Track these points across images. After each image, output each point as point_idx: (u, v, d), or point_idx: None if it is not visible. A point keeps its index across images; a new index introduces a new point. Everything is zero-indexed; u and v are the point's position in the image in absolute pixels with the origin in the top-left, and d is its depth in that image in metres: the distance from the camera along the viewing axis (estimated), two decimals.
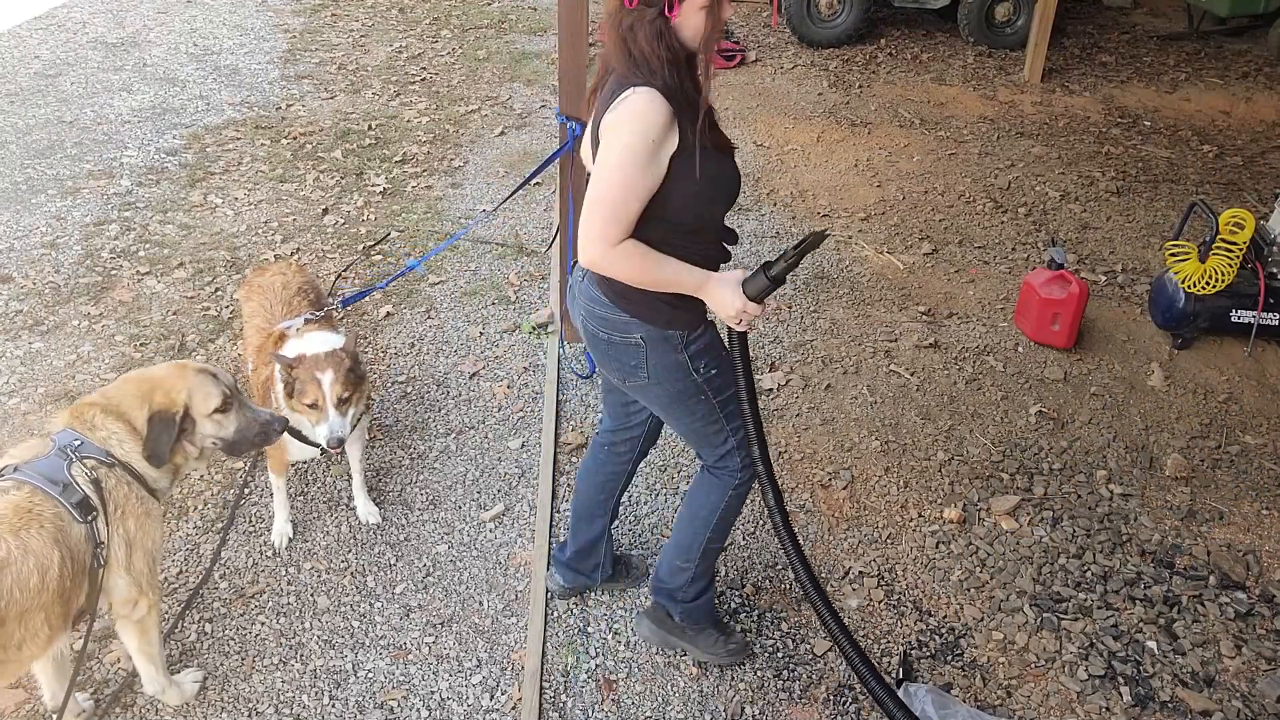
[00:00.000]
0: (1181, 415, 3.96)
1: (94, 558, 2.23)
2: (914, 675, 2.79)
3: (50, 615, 2.16)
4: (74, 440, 2.28)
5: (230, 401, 2.49)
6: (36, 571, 2.10)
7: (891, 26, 8.50)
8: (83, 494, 2.21)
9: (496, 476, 3.51)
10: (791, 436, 3.76)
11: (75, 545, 2.19)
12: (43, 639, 2.18)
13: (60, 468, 2.22)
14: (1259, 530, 3.39)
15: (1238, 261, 4.19)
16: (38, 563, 2.10)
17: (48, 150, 5.75)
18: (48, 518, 2.15)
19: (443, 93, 7.00)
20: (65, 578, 2.16)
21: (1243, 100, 7.21)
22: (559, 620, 2.95)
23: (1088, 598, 3.08)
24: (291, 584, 3.04)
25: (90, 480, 2.24)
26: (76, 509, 2.19)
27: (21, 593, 2.08)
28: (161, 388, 2.41)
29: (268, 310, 3.16)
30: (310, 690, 2.71)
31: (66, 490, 2.19)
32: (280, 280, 3.23)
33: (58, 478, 2.20)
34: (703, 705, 2.70)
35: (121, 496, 2.30)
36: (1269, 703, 2.74)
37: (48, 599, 2.13)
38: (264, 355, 2.99)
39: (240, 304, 3.28)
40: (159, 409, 2.37)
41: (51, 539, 2.14)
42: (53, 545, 2.13)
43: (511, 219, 5.27)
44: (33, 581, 2.09)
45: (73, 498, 2.19)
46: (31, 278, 4.52)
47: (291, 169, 5.71)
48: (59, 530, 2.16)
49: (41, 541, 2.12)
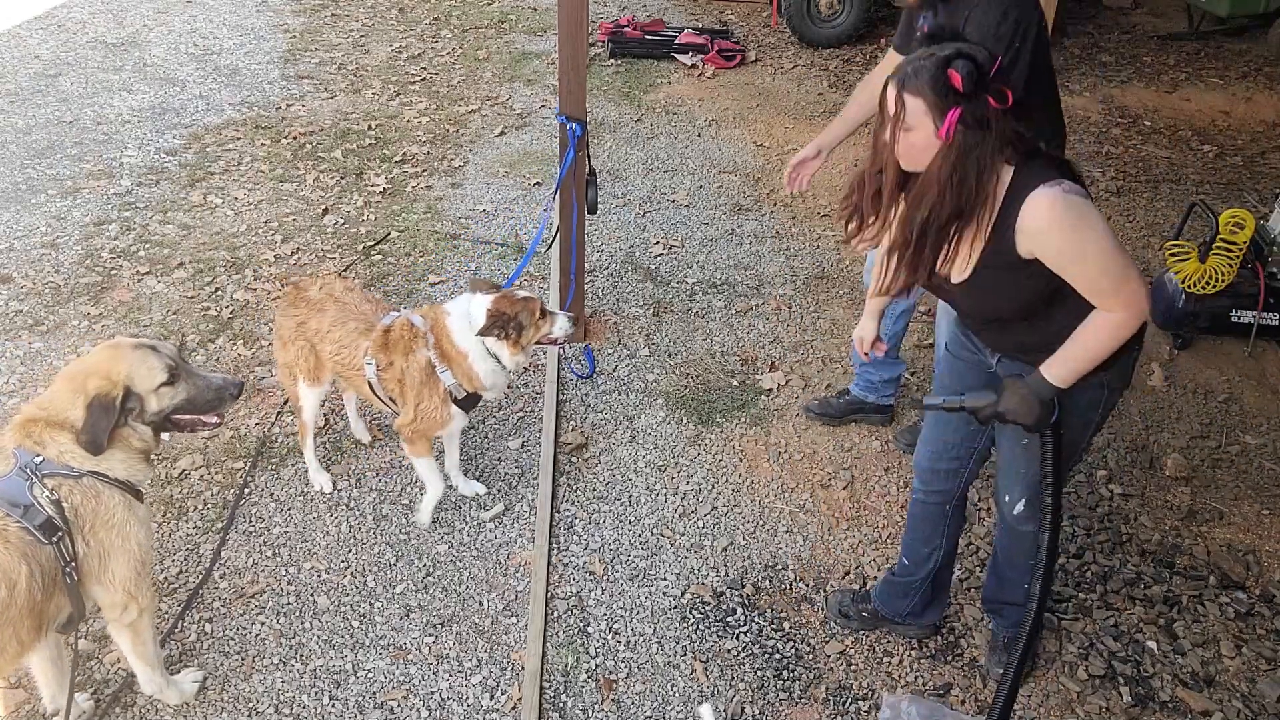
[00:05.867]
0: (1181, 415, 3.96)
1: (65, 575, 2.18)
2: None
3: (19, 629, 2.12)
4: (34, 459, 2.19)
5: (176, 372, 2.39)
6: (3, 586, 2.07)
7: (891, 26, 8.46)
8: (46, 515, 2.14)
9: (496, 476, 3.51)
10: (791, 436, 3.76)
11: (45, 561, 2.15)
12: (12, 652, 2.15)
13: (22, 489, 2.14)
14: (1259, 530, 3.39)
15: (1238, 261, 4.19)
16: (3, 577, 2.07)
17: (48, 150, 5.75)
18: (13, 533, 2.10)
19: (443, 93, 7.00)
20: (35, 591, 2.12)
21: (1243, 100, 7.21)
22: (559, 620, 2.95)
23: (1088, 598, 3.08)
24: (291, 584, 3.04)
25: (52, 501, 2.16)
26: (40, 531, 2.12)
27: None
28: (96, 373, 2.29)
29: (354, 315, 3.11)
30: (310, 690, 2.71)
31: (29, 513, 2.12)
32: (339, 286, 3.20)
33: (19, 500, 2.13)
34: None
35: (89, 510, 2.23)
36: (1269, 703, 2.74)
37: (15, 614, 2.10)
38: (402, 345, 2.97)
39: (294, 324, 3.14)
40: (96, 394, 2.25)
41: (19, 553, 2.09)
42: (19, 560, 2.09)
43: (511, 219, 5.27)
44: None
45: (35, 519, 2.12)
46: (31, 278, 4.52)
47: (291, 169, 5.71)
48: (26, 545, 2.11)
49: (7, 556, 2.08)
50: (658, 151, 6.19)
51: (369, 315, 3.10)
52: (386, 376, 3.01)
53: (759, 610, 3.01)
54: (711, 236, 5.18)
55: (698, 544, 3.25)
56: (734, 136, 6.46)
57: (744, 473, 3.57)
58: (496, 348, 2.95)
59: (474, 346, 2.95)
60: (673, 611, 3.00)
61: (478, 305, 2.94)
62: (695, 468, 3.59)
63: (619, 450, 3.65)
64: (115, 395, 2.27)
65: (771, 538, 3.29)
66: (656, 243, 5.10)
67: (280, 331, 3.21)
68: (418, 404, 3.00)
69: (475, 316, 2.93)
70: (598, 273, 4.79)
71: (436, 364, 2.96)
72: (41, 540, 2.13)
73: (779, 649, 2.88)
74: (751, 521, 3.35)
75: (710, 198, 5.61)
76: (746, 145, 6.29)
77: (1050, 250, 2.01)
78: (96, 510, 2.24)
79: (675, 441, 3.71)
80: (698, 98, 7.07)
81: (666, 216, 5.38)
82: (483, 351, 2.95)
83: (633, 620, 2.96)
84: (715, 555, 3.21)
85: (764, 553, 3.23)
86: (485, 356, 2.96)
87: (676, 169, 5.97)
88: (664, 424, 3.81)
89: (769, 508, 3.41)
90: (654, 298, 4.62)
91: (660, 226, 5.28)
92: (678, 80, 7.42)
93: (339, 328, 3.08)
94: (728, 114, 6.79)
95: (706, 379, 4.07)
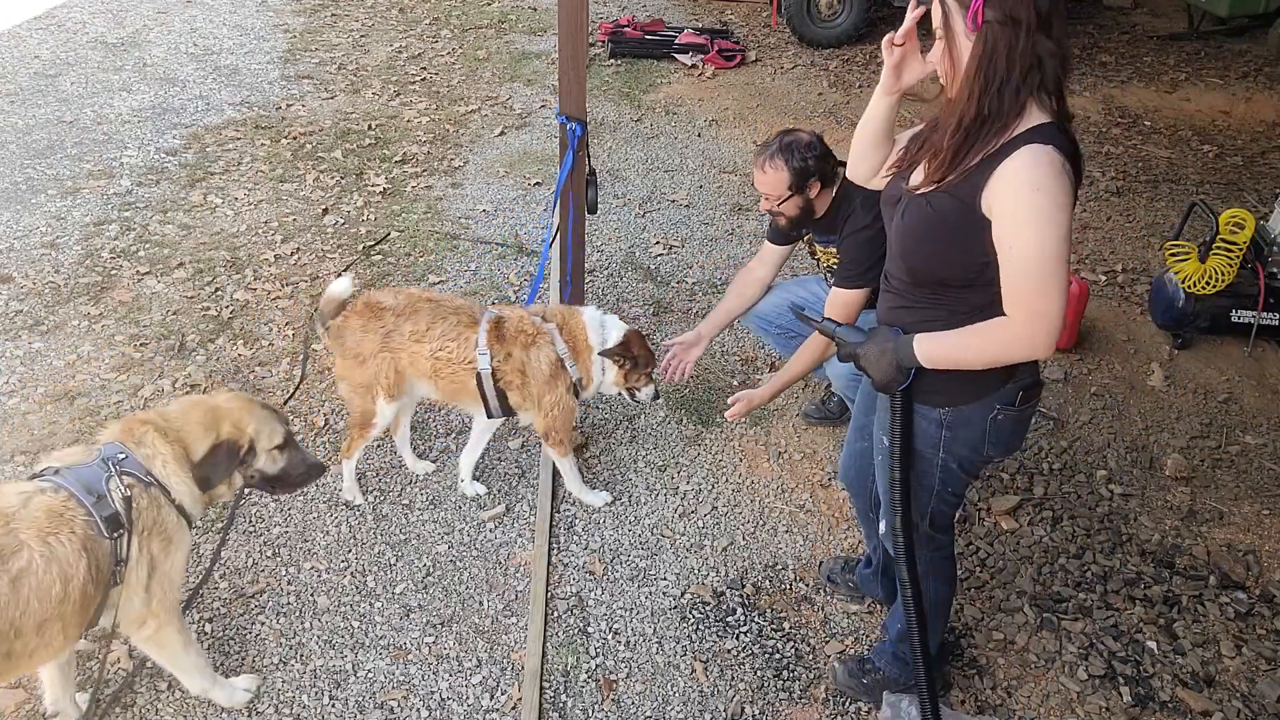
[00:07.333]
0: (1181, 415, 3.97)
1: (113, 575, 2.20)
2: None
3: (68, 625, 2.13)
4: (118, 453, 2.26)
5: (289, 440, 2.57)
6: (59, 580, 2.07)
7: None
8: (114, 509, 2.18)
9: (496, 476, 3.51)
10: (791, 436, 3.76)
11: (102, 557, 2.16)
12: (55, 647, 2.15)
13: (99, 478, 2.20)
14: (1259, 530, 3.39)
15: (1238, 261, 4.19)
16: (61, 571, 2.07)
17: (48, 150, 5.75)
18: (79, 524, 2.13)
19: (443, 93, 7.00)
20: (89, 586, 2.13)
21: (1243, 100, 7.21)
22: (559, 620, 2.95)
23: (1088, 598, 3.08)
24: (291, 584, 3.04)
25: (124, 498, 2.21)
26: (105, 523, 2.16)
27: (40, 603, 2.04)
28: (230, 418, 2.44)
29: (452, 310, 3.13)
30: (310, 690, 2.71)
31: (100, 502, 2.17)
32: (415, 289, 3.23)
33: (95, 488, 2.18)
34: (703, 705, 2.70)
35: (150, 519, 2.27)
36: (1269, 703, 2.74)
37: (69, 609, 2.10)
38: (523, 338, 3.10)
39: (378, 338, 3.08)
40: (227, 439, 2.41)
41: (81, 546, 2.11)
42: (80, 553, 2.10)
43: (511, 219, 5.27)
44: (54, 591, 2.06)
45: (104, 511, 2.17)
46: (31, 278, 4.52)
47: (291, 169, 5.71)
48: (88, 538, 2.13)
49: (69, 549, 2.09)
50: (658, 151, 6.19)
51: (468, 309, 3.17)
52: (506, 368, 3.09)
53: (759, 610, 3.01)
54: (711, 236, 5.18)
55: (698, 544, 3.25)
56: (734, 136, 6.46)
57: (744, 473, 3.57)
58: (606, 366, 3.24)
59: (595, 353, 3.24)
60: (673, 611, 3.00)
61: (615, 325, 3.23)
62: (695, 468, 3.59)
63: (619, 450, 3.65)
64: (242, 445, 2.44)
65: (771, 538, 3.29)
66: (656, 243, 5.10)
67: (357, 351, 3.11)
68: (546, 399, 3.15)
69: (610, 333, 3.21)
70: (598, 273, 4.79)
71: (566, 358, 3.15)
72: (104, 534, 2.17)
73: (779, 649, 2.88)
74: (751, 521, 3.35)
75: (710, 198, 5.61)
76: (746, 145, 6.29)
77: (1005, 207, 1.88)
78: (156, 520, 2.29)
79: (675, 441, 3.71)
80: (698, 98, 7.07)
81: (666, 216, 5.38)
82: (600, 361, 3.23)
83: (633, 620, 2.96)
84: (715, 555, 3.21)
85: (764, 553, 3.23)
86: (601, 364, 3.24)
87: (676, 169, 5.97)
88: (664, 424, 3.81)
89: (769, 508, 3.41)
90: (654, 297, 4.62)
91: (660, 226, 5.28)
92: (678, 80, 7.42)
93: (440, 324, 3.10)
94: (728, 114, 6.79)
95: (706, 379, 4.07)
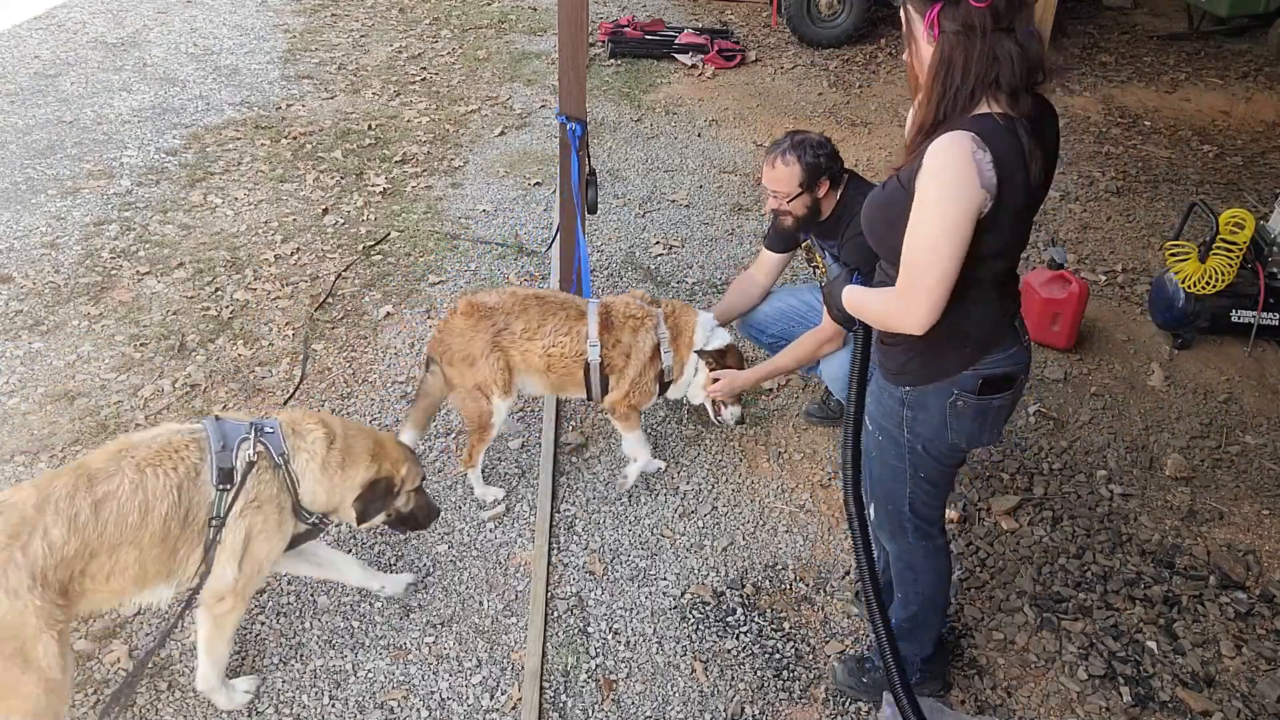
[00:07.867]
0: (1181, 415, 3.97)
1: (208, 524, 2.25)
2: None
3: (145, 556, 2.18)
4: (269, 427, 2.35)
5: (423, 485, 2.75)
6: (138, 510, 2.14)
7: (891, 26, 8.49)
8: (232, 465, 2.26)
9: (496, 476, 3.51)
10: (791, 436, 3.76)
11: (195, 501, 2.22)
12: (130, 576, 2.19)
13: (238, 434, 2.30)
14: (1259, 530, 3.39)
15: (1238, 261, 4.19)
16: (143, 501, 2.15)
17: (48, 150, 5.75)
18: (185, 465, 2.21)
19: (443, 93, 7.00)
20: (170, 522, 2.18)
21: (1243, 100, 7.21)
22: (559, 620, 2.95)
23: (1088, 598, 3.08)
24: (291, 584, 3.04)
25: (249, 460, 2.28)
26: (218, 473, 2.24)
27: (116, 528, 2.12)
28: (391, 457, 2.58)
29: (559, 305, 3.22)
30: (310, 690, 2.71)
31: (223, 453, 2.25)
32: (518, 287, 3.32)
33: (229, 440, 2.28)
34: (703, 705, 2.70)
35: (265, 495, 2.34)
36: (1269, 703, 2.74)
37: (145, 538, 2.16)
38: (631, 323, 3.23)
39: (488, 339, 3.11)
40: (386, 476, 2.53)
41: (175, 484, 2.18)
42: (170, 490, 2.18)
43: (511, 219, 5.27)
44: (131, 518, 2.14)
45: (223, 462, 2.25)
46: (31, 278, 4.52)
47: (291, 169, 5.71)
48: (187, 479, 2.20)
49: (160, 483, 2.17)
50: (658, 151, 6.19)
51: (573, 302, 3.24)
52: (614, 354, 3.21)
53: (759, 610, 3.01)
54: (711, 236, 5.18)
55: (698, 544, 3.25)
56: (734, 136, 6.46)
57: (744, 473, 3.57)
58: (700, 367, 3.33)
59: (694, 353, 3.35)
60: (673, 611, 3.00)
61: (722, 335, 3.36)
62: (695, 468, 3.59)
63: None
64: (395, 485, 2.59)
65: (771, 538, 3.29)
66: (656, 243, 5.10)
67: (467, 353, 3.12)
68: (633, 374, 3.24)
69: (715, 339, 3.32)
70: (598, 272, 4.79)
71: (664, 346, 3.27)
72: (211, 482, 2.24)
73: (779, 649, 2.88)
74: (751, 521, 3.35)
75: (710, 198, 5.61)
76: (746, 145, 6.30)
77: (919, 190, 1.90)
78: (269, 498, 2.35)
79: (675, 441, 3.71)
80: (698, 98, 7.07)
81: (666, 216, 5.38)
82: (695, 360, 3.33)
83: (633, 620, 2.96)
84: (715, 555, 3.21)
85: (764, 553, 3.23)
86: (695, 364, 3.33)
87: (676, 169, 5.97)
88: (664, 424, 3.81)
89: (769, 508, 3.41)
90: (654, 297, 4.61)
91: (660, 226, 5.28)
92: (678, 80, 7.42)
93: (551, 319, 3.17)
94: (728, 114, 6.79)
95: None
